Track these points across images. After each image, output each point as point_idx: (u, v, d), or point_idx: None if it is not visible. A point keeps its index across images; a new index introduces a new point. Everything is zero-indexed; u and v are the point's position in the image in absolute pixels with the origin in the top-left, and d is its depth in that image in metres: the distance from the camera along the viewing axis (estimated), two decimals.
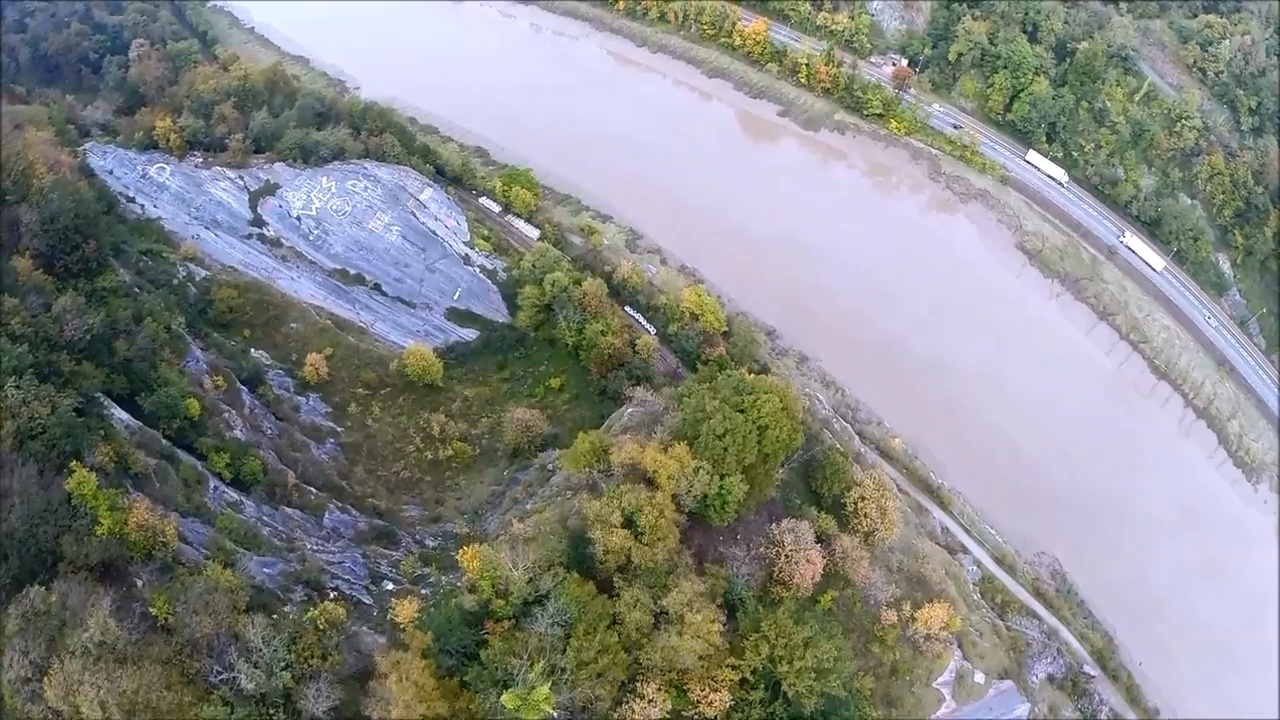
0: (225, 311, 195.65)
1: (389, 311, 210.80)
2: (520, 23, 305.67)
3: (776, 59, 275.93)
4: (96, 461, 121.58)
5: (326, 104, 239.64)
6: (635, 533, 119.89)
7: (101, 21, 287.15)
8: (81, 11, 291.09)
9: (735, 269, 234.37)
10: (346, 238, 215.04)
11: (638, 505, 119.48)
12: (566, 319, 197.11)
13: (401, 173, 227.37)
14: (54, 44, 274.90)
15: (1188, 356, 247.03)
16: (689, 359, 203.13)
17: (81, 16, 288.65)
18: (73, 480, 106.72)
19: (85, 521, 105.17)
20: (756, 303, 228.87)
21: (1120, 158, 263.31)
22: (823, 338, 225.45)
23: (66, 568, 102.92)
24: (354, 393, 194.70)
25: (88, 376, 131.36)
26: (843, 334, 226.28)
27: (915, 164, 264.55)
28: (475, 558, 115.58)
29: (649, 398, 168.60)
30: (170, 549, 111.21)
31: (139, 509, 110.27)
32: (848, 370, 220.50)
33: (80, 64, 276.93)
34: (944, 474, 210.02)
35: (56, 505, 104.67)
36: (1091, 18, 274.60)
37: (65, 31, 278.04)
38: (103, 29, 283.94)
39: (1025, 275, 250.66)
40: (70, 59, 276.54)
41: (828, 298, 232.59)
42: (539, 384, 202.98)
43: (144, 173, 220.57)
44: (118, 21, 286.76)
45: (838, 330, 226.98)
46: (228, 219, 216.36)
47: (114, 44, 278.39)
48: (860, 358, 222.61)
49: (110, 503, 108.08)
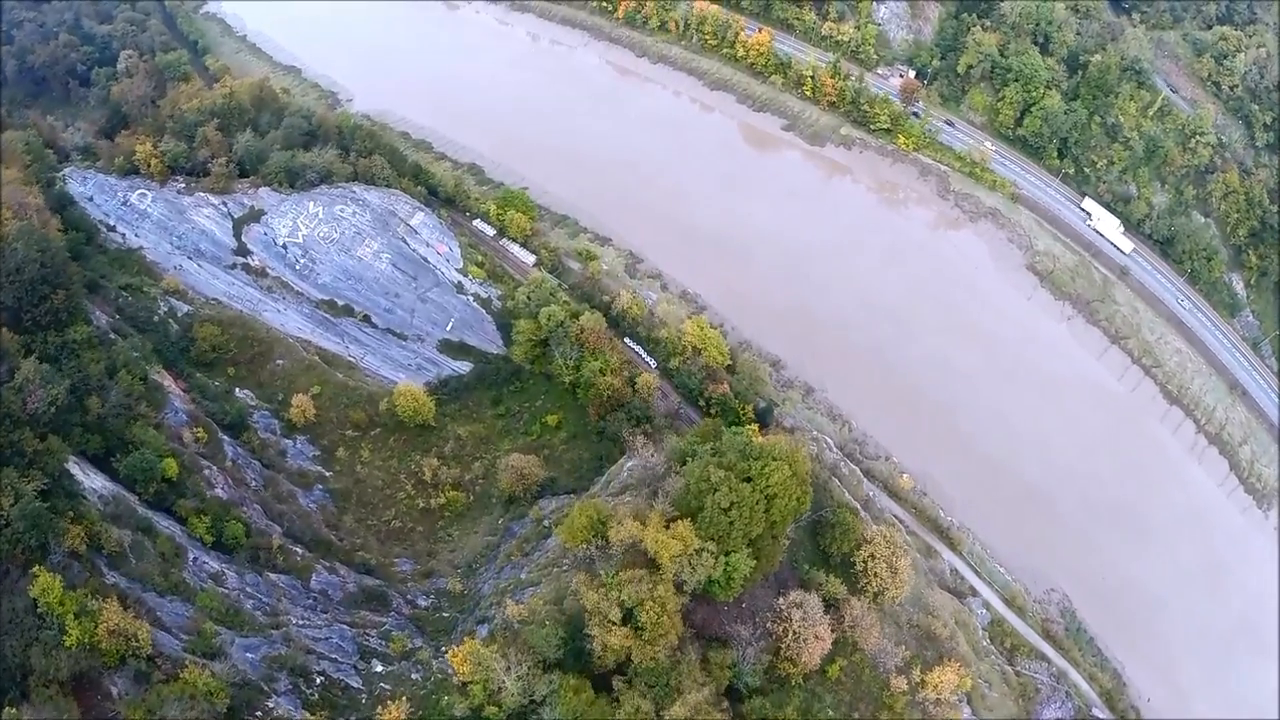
0: (208, 351, 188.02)
1: (379, 344, 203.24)
2: (517, 31, 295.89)
3: (781, 71, 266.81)
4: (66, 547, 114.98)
5: (315, 123, 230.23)
6: (635, 627, 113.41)
7: (91, 32, 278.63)
8: (71, 21, 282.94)
9: (738, 294, 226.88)
10: (334, 266, 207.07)
11: (638, 599, 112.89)
12: (563, 356, 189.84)
13: (391, 196, 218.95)
14: (40, 56, 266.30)
15: (1200, 380, 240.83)
16: (691, 396, 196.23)
17: (71, 26, 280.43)
18: (37, 587, 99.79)
19: (53, 632, 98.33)
20: (761, 330, 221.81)
21: (1133, 174, 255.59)
22: (829, 366, 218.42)
23: (37, 681, 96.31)
24: (342, 434, 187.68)
25: (54, 452, 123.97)
26: (849, 362, 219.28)
27: (923, 180, 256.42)
28: (466, 660, 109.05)
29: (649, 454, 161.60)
30: (144, 653, 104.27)
31: (109, 612, 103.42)
32: (855, 401, 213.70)
33: (68, 76, 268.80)
34: (953, 508, 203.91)
35: (22, 614, 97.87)
36: (1104, 29, 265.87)
37: (53, 43, 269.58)
38: (91, 39, 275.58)
39: (1036, 297, 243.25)
40: (58, 71, 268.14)
41: (834, 323, 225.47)
42: (535, 420, 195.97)
43: (125, 199, 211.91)
44: (107, 31, 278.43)
45: (844, 358, 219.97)
46: (211, 248, 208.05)
47: (102, 55, 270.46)
48: (868, 387, 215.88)
49: (78, 607, 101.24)
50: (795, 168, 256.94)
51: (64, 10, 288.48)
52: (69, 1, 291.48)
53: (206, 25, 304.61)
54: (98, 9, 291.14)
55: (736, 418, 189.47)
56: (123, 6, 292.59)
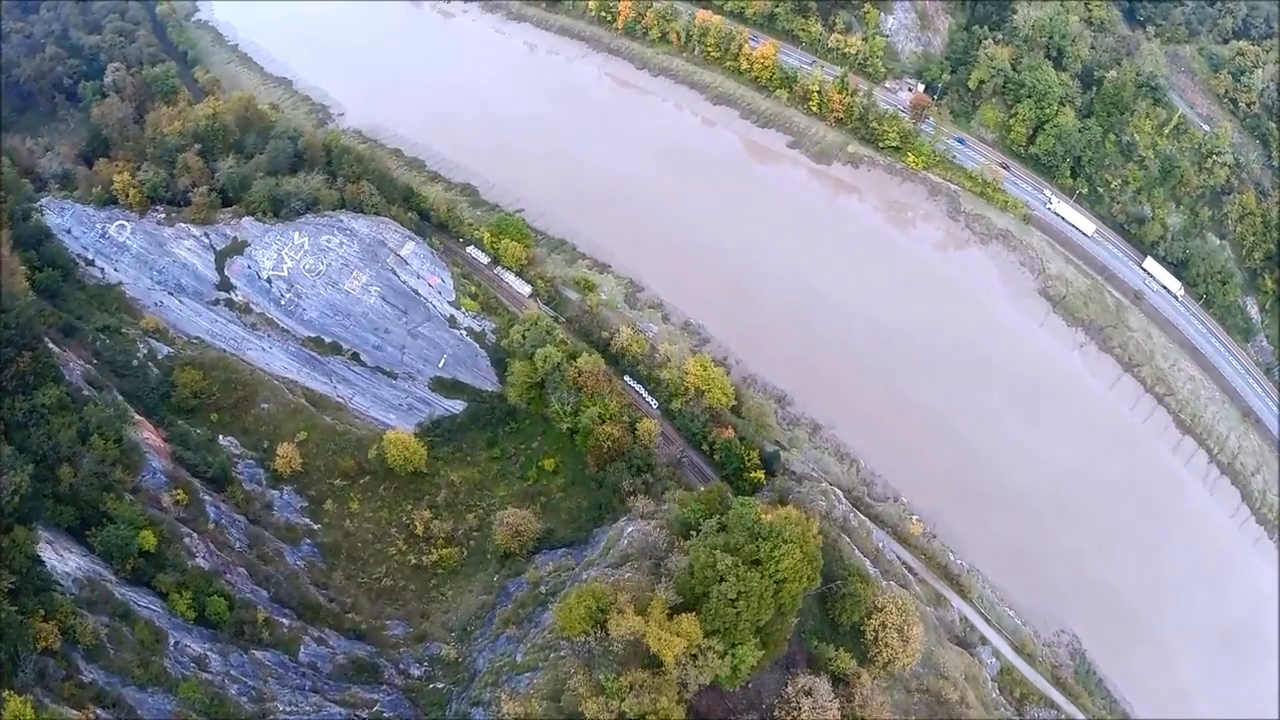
0: (189, 397, 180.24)
1: (368, 384, 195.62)
2: (514, 41, 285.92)
3: (786, 85, 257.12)
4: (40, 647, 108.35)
5: (301, 145, 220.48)
6: None
7: (79, 43, 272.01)
8: (58, 32, 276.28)
9: (742, 323, 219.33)
10: (321, 301, 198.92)
11: (640, 713, 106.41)
12: (560, 401, 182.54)
13: (380, 224, 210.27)
14: (26, 70, 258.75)
15: (1213, 408, 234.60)
16: (694, 439, 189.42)
17: (59, 37, 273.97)
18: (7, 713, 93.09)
19: None
20: (766, 361, 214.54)
21: (1148, 195, 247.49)
22: (836, 400, 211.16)
23: None
24: (331, 484, 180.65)
25: (21, 545, 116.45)
26: (857, 395, 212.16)
27: (933, 201, 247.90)
28: None
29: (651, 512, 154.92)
30: None
31: None
32: (863, 436, 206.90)
33: (54, 90, 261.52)
34: (962, 549, 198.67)
35: None
36: (1119, 42, 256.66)
37: (39, 57, 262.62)
38: (79, 51, 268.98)
39: (1049, 324, 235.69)
40: (44, 85, 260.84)
41: (841, 354, 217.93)
42: (531, 464, 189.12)
43: (103, 232, 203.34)
44: (95, 43, 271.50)
45: (852, 391, 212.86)
46: (192, 283, 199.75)
47: (90, 68, 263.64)
48: (876, 421, 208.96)
49: None
50: (801, 187, 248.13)
51: (52, 21, 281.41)
52: (57, 7, 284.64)
53: (197, 34, 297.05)
54: (86, 19, 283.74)
55: (741, 463, 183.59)
56: (112, 16, 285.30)
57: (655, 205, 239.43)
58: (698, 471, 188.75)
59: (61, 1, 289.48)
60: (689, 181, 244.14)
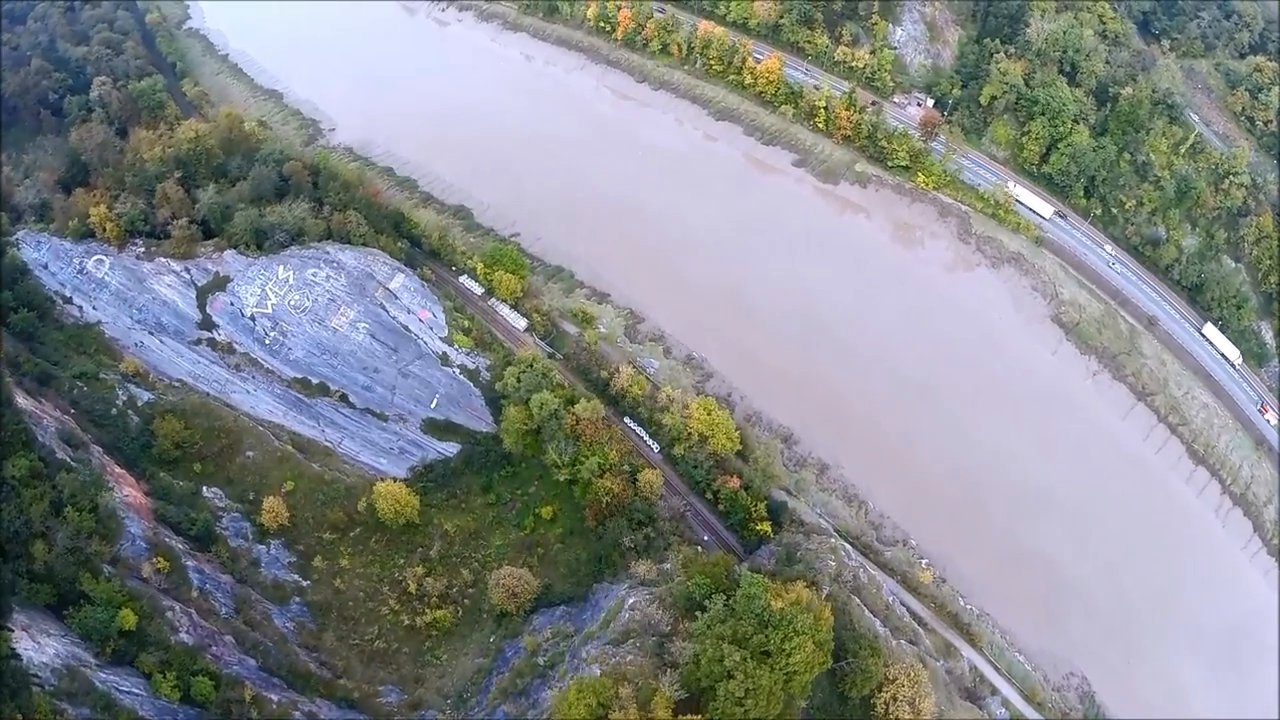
0: (171, 448, 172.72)
1: (358, 427, 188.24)
2: (510, 52, 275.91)
3: (792, 100, 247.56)
4: None
5: (286, 172, 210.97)
6: None
7: (65, 55, 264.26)
8: (45, 43, 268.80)
9: (746, 356, 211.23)
10: (307, 340, 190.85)
11: None
12: (557, 451, 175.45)
13: (368, 256, 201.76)
14: (10, 85, 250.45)
15: (1226, 437, 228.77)
16: (697, 487, 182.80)
17: (45, 49, 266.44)
18: None
19: None
20: (771, 395, 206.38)
21: (1163, 216, 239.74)
22: (844, 436, 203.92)
23: None
24: (319, 538, 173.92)
25: None
26: (865, 429, 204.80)
27: (943, 222, 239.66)
28: None
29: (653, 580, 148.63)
30: None
31: None
32: (871, 474, 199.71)
33: (40, 106, 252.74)
34: (972, 590, 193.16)
35: None
36: (1134, 57, 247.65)
37: (23, 70, 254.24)
38: (65, 64, 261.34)
39: (1061, 351, 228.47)
40: (28, 101, 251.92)
41: (849, 387, 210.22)
42: (528, 511, 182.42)
43: (81, 267, 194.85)
44: (81, 55, 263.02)
45: (859, 425, 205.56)
46: (174, 322, 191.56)
47: (76, 82, 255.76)
48: (885, 458, 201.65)
49: None
50: (807, 208, 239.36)
51: (39, 32, 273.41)
52: (45, 18, 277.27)
53: (188, 43, 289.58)
54: (74, 29, 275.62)
55: (747, 514, 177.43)
56: (100, 26, 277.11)
57: (656, 227, 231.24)
58: (701, 520, 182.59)
59: (50, 12, 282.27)
60: (691, 202, 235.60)
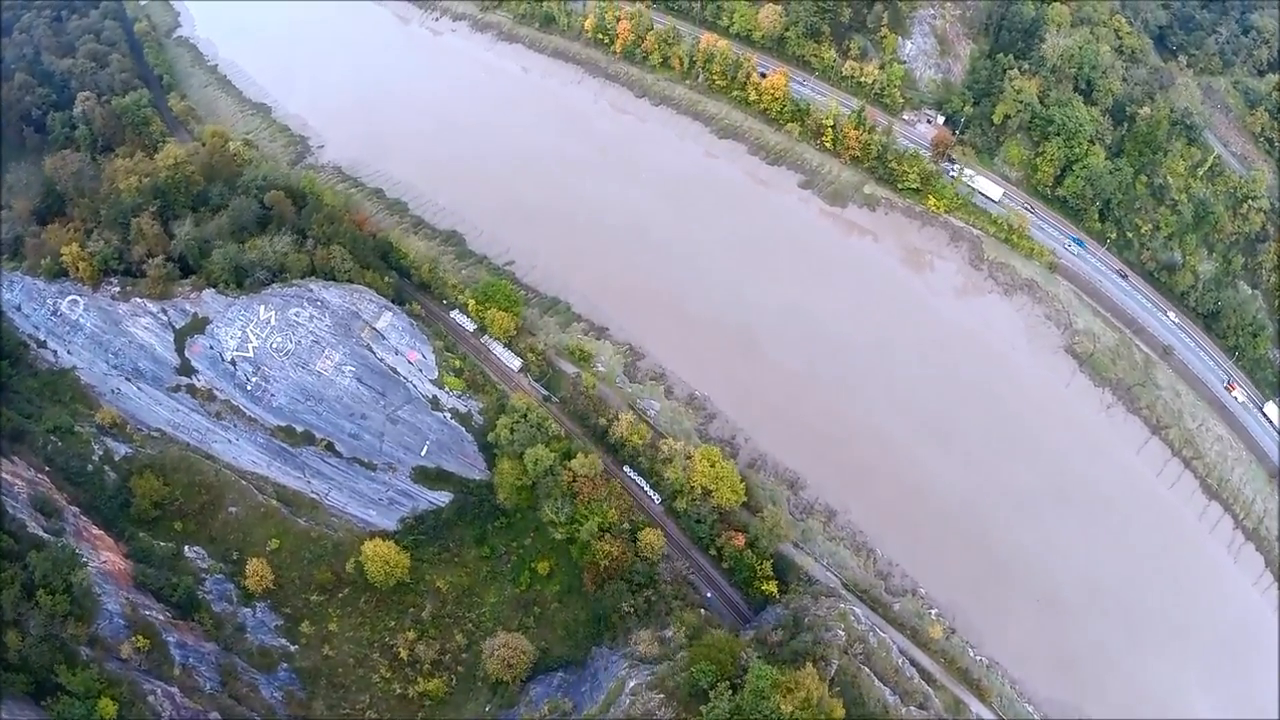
0: (150, 507, 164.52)
1: (345, 477, 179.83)
2: (506, 64, 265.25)
3: (798, 118, 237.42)
4: None
5: (268, 202, 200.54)
6: None
7: (50, 69, 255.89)
8: (30, 56, 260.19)
9: (750, 394, 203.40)
10: (290, 385, 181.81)
11: None
12: (554, 510, 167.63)
13: (354, 294, 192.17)
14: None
15: (1240, 470, 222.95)
16: (701, 543, 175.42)
17: (30, 61, 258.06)
18: None
19: None
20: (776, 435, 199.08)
21: (1179, 241, 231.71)
22: (851, 478, 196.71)
23: None
24: (307, 599, 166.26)
25: None
26: (873, 470, 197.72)
27: (954, 247, 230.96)
28: None
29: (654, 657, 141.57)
30: None
31: None
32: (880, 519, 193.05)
33: (22, 122, 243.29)
34: (981, 639, 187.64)
35: None
36: (1152, 75, 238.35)
37: (6, 86, 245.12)
38: (50, 78, 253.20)
39: (1075, 384, 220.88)
40: (11, 118, 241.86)
41: (856, 425, 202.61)
42: (524, 566, 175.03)
43: (55, 308, 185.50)
44: (66, 68, 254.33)
45: (867, 466, 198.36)
46: (151, 367, 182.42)
47: (60, 97, 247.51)
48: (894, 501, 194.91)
49: None
50: (813, 232, 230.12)
51: (24, 44, 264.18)
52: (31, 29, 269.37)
53: (177, 53, 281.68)
54: (60, 40, 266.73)
55: (753, 573, 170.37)
56: (86, 38, 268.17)
57: (655, 254, 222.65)
58: (705, 576, 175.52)
59: (36, 23, 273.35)
60: (693, 227, 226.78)
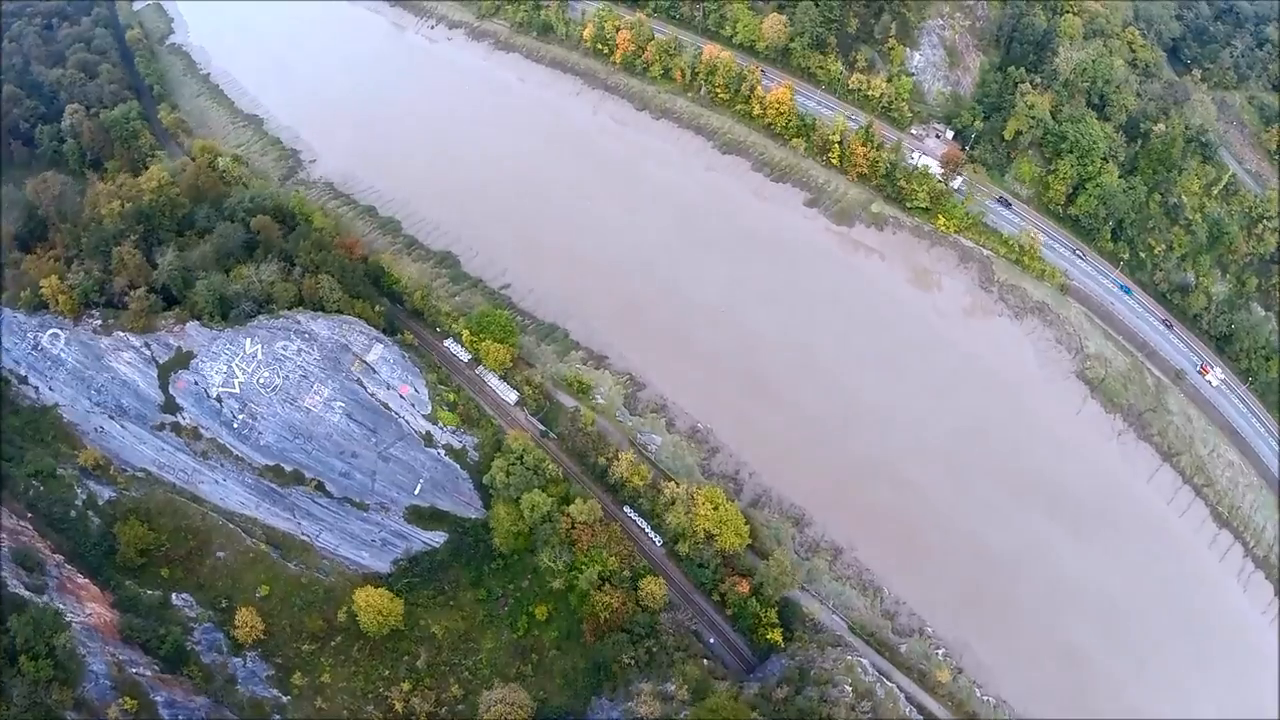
0: (135, 555, 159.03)
1: (336, 518, 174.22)
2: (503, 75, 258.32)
3: (803, 133, 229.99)
4: None
5: (255, 227, 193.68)
6: None
7: (39, 80, 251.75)
8: (19, 67, 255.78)
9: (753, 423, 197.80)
10: (278, 423, 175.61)
11: None
12: (551, 558, 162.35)
13: (343, 325, 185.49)
14: None
15: (1251, 496, 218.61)
16: (704, 588, 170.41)
17: (19, 72, 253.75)
18: None
19: None
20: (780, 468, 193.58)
21: (1193, 262, 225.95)
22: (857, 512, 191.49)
23: None
24: (298, 649, 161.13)
25: None
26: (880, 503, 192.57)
27: (964, 268, 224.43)
28: None
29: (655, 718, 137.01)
30: None
31: None
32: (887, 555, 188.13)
33: (11, 136, 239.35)
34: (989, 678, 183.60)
35: None
36: (1166, 90, 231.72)
37: None
38: (39, 89, 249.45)
39: (1086, 411, 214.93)
40: None
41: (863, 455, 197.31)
42: (521, 610, 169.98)
43: (36, 342, 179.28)
44: (56, 79, 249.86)
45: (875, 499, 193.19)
46: (135, 404, 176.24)
47: (49, 109, 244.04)
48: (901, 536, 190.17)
49: None
50: (819, 253, 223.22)
51: (13, 54, 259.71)
52: (20, 38, 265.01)
53: (169, 61, 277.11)
54: (50, 50, 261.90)
55: (757, 620, 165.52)
56: (77, 47, 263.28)
57: (655, 276, 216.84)
58: (707, 621, 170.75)
59: (26, 31, 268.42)
60: (695, 250, 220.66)
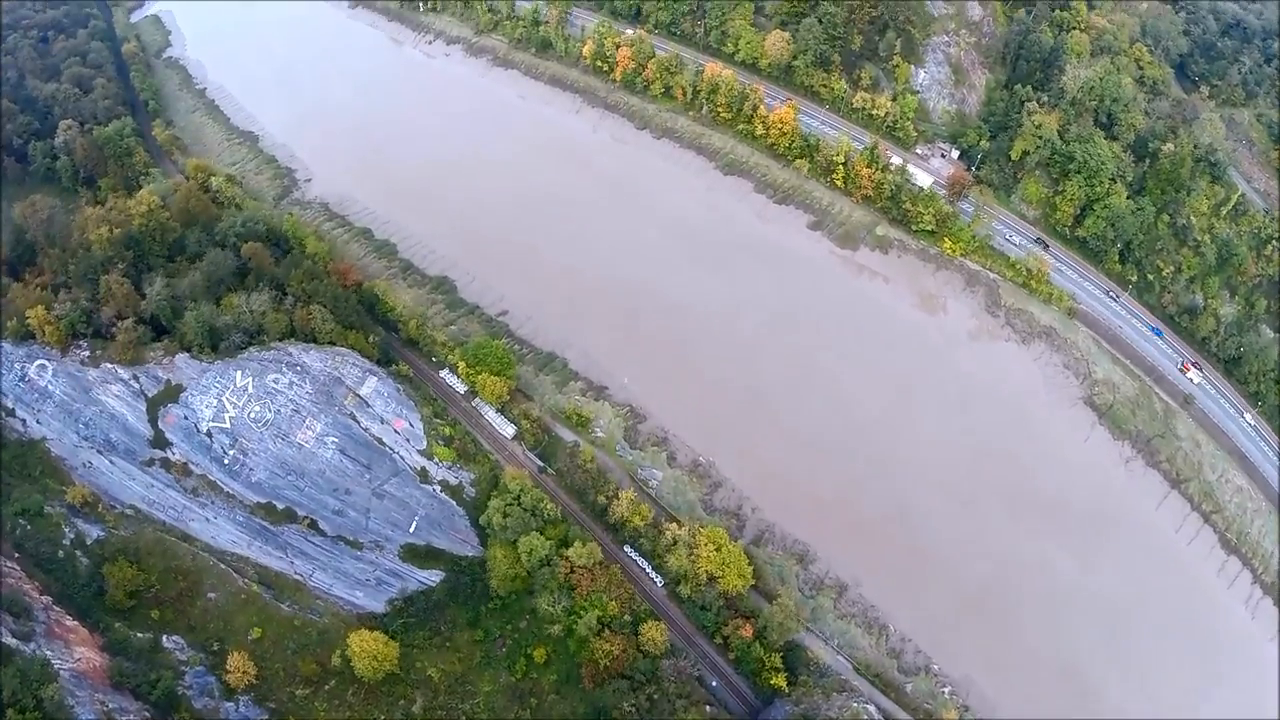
0: (124, 597, 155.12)
1: (330, 556, 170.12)
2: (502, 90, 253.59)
3: (807, 154, 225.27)
4: None
5: (245, 254, 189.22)
6: None
7: (33, 94, 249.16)
8: (14, 81, 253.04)
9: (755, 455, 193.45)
10: (270, 459, 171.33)
11: None
12: (550, 603, 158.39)
13: (336, 357, 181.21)
14: None
15: (1260, 522, 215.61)
16: (707, 631, 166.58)
17: (14, 87, 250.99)
18: None
19: None
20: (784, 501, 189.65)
21: (1201, 284, 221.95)
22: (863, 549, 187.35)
23: None
24: (292, 693, 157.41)
25: None
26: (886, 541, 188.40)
27: (970, 292, 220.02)
28: None
29: None
30: None
31: None
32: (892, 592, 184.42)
33: (4, 153, 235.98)
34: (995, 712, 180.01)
35: None
36: (1175, 107, 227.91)
37: None
38: (32, 104, 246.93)
39: (1094, 438, 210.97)
40: None
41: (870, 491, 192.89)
42: (519, 652, 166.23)
43: (23, 373, 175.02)
44: (50, 94, 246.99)
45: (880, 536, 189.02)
46: (124, 439, 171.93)
47: (42, 125, 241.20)
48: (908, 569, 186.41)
49: None
50: (823, 277, 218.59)
51: (9, 67, 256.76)
52: (15, 52, 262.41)
53: (165, 75, 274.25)
54: (45, 63, 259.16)
55: (761, 665, 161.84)
56: (72, 60, 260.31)
57: (656, 301, 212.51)
58: (710, 663, 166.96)
59: (21, 44, 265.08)
60: (697, 274, 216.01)
